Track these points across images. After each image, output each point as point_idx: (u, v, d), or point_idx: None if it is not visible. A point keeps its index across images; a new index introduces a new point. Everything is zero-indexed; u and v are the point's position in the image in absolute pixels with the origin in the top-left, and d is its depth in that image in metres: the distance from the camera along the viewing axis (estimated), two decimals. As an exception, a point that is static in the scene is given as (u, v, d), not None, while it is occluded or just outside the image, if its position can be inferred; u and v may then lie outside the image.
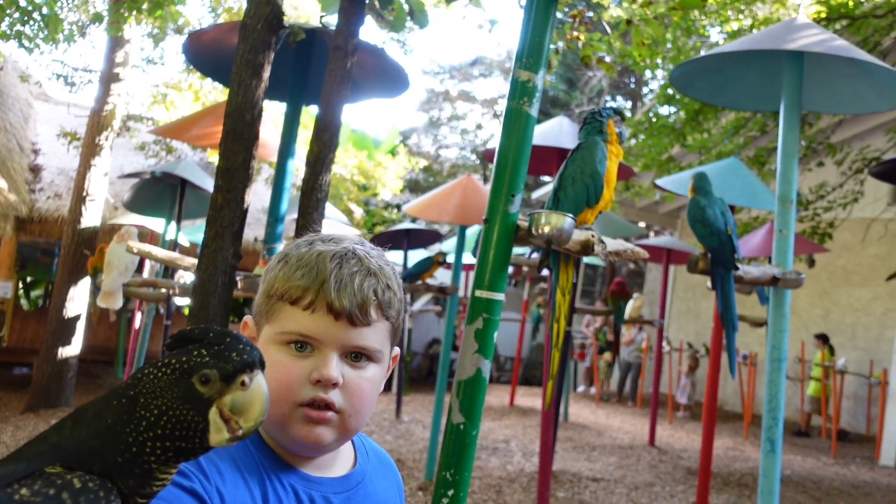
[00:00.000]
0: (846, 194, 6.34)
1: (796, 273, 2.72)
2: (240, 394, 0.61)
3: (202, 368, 0.61)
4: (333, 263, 0.80)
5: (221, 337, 0.63)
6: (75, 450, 0.60)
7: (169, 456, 0.60)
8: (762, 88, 3.13)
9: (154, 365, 0.62)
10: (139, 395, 0.60)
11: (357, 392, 0.82)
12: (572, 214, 1.59)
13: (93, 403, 0.62)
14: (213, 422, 0.61)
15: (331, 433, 0.81)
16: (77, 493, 0.56)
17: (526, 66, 1.52)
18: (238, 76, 1.77)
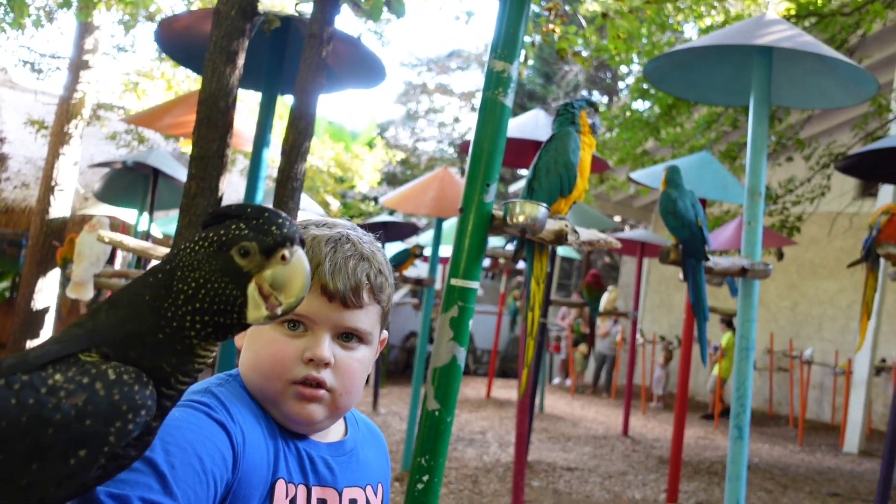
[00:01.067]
0: (814, 188, 6.49)
1: (764, 264, 2.79)
2: (280, 268, 0.60)
3: (241, 241, 0.59)
4: (328, 247, 0.83)
5: (260, 212, 0.61)
6: (112, 335, 0.58)
7: (209, 332, 0.59)
8: (733, 83, 3.19)
9: (191, 239, 0.61)
10: (176, 268, 0.59)
11: (348, 372, 0.85)
12: (546, 204, 1.61)
13: (128, 287, 0.61)
14: (252, 297, 0.59)
15: (322, 411, 0.84)
16: (111, 384, 0.55)
17: (501, 56, 1.53)
18: (212, 63, 1.76)
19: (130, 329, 0.58)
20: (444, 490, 4.69)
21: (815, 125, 8.25)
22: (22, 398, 0.53)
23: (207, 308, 0.58)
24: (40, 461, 0.52)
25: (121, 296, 0.61)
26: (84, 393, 0.54)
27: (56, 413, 0.53)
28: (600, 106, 1.69)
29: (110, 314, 0.60)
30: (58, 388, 0.54)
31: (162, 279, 0.59)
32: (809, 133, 8.02)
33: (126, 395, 0.55)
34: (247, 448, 0.79)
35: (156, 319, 0.58)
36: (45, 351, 0.57)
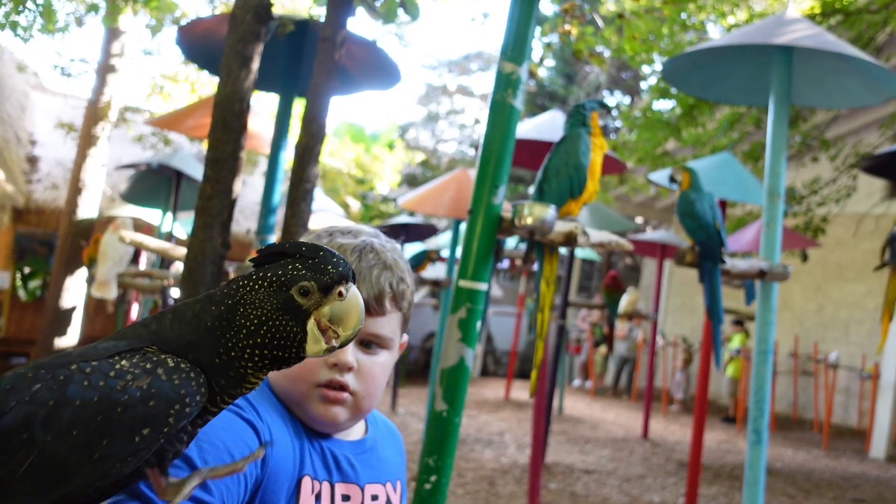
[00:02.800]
0: (839, 189, 6.36)
1: (783, 266, 2.75)
2: (338, 304, 0.63)
3: (301, 280, 0.62)
4: (353, 256, 0.87)
5: (314, 251, 0.64)
6: (173, 339, 0.63)
7: (265, 363, 0.63)
8: (753, 83, 3.15)
9: (248, 277, 0.64)
10: (238, 304, 0.62)
11: (370, 376, 0.89)
12: (556, 206, 1.61)
13: (189, 305, 0.65)
14: (311, 332, 0.63)
15: (345, 413, 0.88)
16: (171, 370, 0.60)
17: (510, 58, 1.54)
18: (227, 67, 1.79)
19: (191, 340, 0.63)
20: (460, 491, 4.69)
21: (841, 125, 8.09)
22: (93, 381, 0.58)
23: (268, 343, 0.62)
24: (110, 437, 0.57)
25: (185, 310, 0.64)
26: (148, 377, 0.59)
27: (124, 394, 0.58)
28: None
29: (174, 325, 0.64)
30: (125, 372, 0.59)
31: (224, 312, 0.62)
32: (835, 133, 7.86)
33: (184, 381, 0.60)
34: (275, 446, 0.83)
35: (214, 346, 0.62)
36: (112, 344, 0.62)
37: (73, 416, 0.56)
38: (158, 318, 0.65)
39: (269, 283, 0.62)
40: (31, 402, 0.56)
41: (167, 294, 4.84)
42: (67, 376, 0.58)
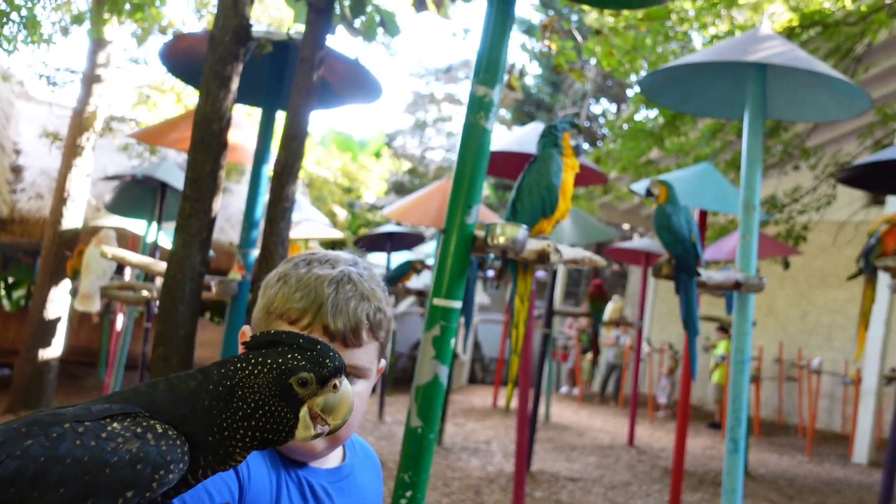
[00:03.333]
0: (819, 198, 6.46)
1: (759, 278, 2.80)
2: (332, 395, 0.67)
3: (300, 371, 0.65)
4: (331, 288, 0.87)
5: (313, 343, 0.68)
6: (166, 409, 0.65)
7: (254, 444, 0.66)
8: (729, 97, 3.21)
9: (247, 360, 0.67)
10: (237, 387, 0.65)
11: None
12: (528, 225, 1.64)
13: (184, 379, 0.67)
14: (304, 420, 0.66)
15: (322, 442, 0.89)
16: (159, 436, 0.62)
17: (483, 81, 1.57)
18: (206, 87, 1.81)
19: (185, 414, 0.65)
20: (446, 500, 4.71)
21: (822, 134, 8.22)
22: (85, 441, 0.60)
23: (262, 426, 0.65)
24: (95, 497, 0.59)
25: (179, 384, 0.67)
26: (138, 441, 0.61)
27: (113, 456, 0.60)
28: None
29: (170, 395, 0.66)
30: (116, 434, 0.61)
31: (223, 392, 0.65)
32: (816, 142, 7.99)
33: (171, 448, 0.62)
34: (252, 480, 0.84)
35: (210, 424, 0.65)
36: (106, 406, 0.65)
37: (62, 474, 0.58)
38: (152, 386, 0.67)
39: (270, 370, 0.65)
40: (23, 457, 0.58)
41: (152, 306, 4.83)
42: (60, 434, 0.60)
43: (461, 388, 11.66)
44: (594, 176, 4.41)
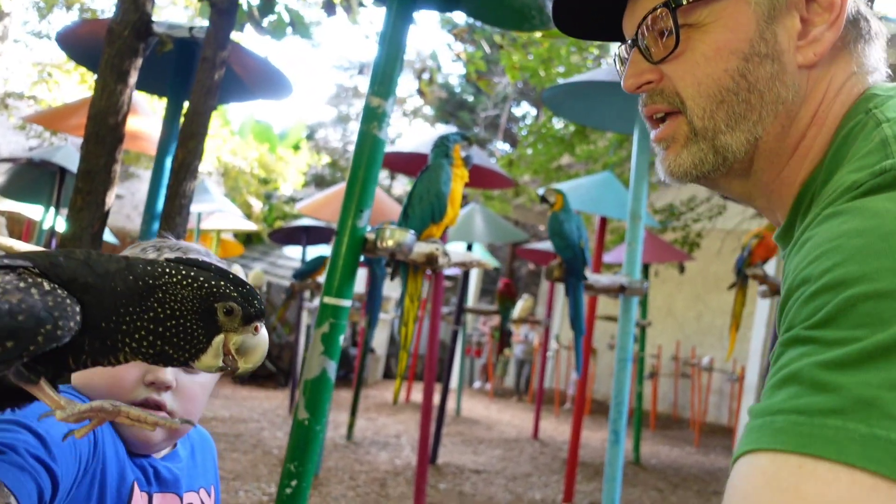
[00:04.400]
0: (712, 207, 6.96)
1: (641, 282, 3.04)
2: (250, 337, 0.64)
3: (230, 301, 0.62)
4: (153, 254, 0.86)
5: (241, 283, 0.64)
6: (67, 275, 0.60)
7: (150, 352, 0.62)
8: (624, 113, 3.44)
9: (177, 269, 0.62)
10: (158, 287, 0.61)
11: (189, 395, 0.89)
12: (419, 229, 1.75)
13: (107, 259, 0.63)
14: (216, 347, 0.63)
15: (161, 433, 0.88)
16: (46, 293, 0.58)
17: (377, 93, 1.66)
18: (102, 80, 1.80)
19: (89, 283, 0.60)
20: (351, 493, 4.77)
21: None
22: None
23: (168, 337, 0.61)
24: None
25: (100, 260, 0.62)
26: (19, 293, 0.57)
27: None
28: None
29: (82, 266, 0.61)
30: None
31: (141, 288, 0.61)
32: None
33: (59, 305, 0.58)
34: (105, 440, 0.83)
35: (110, 309, 0.60)
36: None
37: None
38: (68, 254, 0.63)
39: (199, 287, 0.62)
40: None
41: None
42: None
43: (376, 383, 11.71)
44: (501, 180, 4.59)
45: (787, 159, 0.65)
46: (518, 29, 1.95)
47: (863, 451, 0.38)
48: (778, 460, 0.41)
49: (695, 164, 0.67)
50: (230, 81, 3.14)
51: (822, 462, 0.39)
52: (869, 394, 0.39)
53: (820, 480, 0.39)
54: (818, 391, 0.41)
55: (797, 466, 0.40)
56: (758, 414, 0.45)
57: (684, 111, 0.66)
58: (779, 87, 0.63)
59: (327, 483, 5.00)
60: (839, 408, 0.40)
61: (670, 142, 0.69)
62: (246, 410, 7.70)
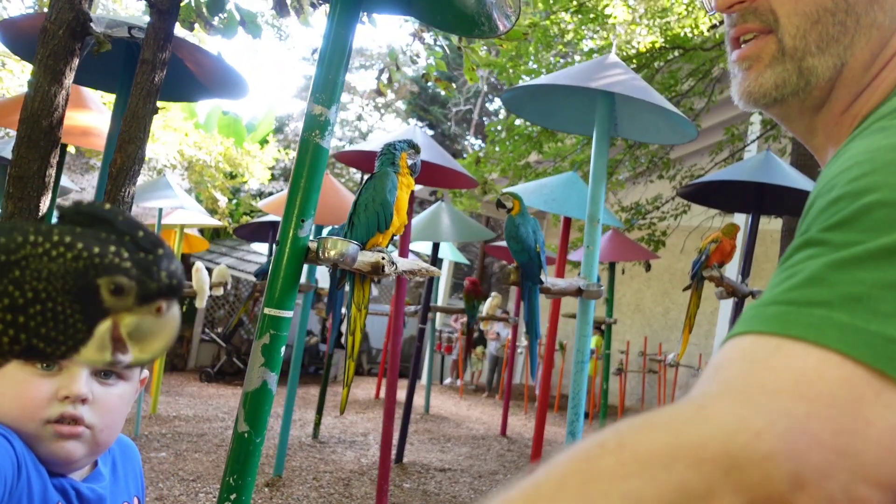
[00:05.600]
0: (677, 206, 7.05)
1: (598, 285, 3.05)
2: (150, 320, 0.49)
3: (118, 274, 0.47)
4: None
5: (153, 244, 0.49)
6: None
7: (14, 349, 0.48)
8: (583, 115, 3.45)
9: (47, 234, 0.47)
10: (15, 264, 0.46)
11: (107, 407, 0.86)
12: (364, 238, 1.73)
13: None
14: (100, 338, 0.49)
15: (82, 448, 0.85)
16: None
17: (319, 100, 1.63)
18: (35, 82, 1.74)
19: None
20: (314, 494, 4.74)
21: (686, 146, 8.94)
22: None
23: (33, 328, 0.47)
24: None
25: None
26: None
27: None
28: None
29: None
30: None
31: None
32: (680, 154, 8.68)
33: None
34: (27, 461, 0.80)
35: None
36: None
37: None
38: None
39: (75, 257, 0.46)
40: None
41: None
42: None
43: (346, 380, 11.67)
44: (465, 180, 4.58)
45: (863, 90, 0.63)
46: (467, 35, 1.94)
47: (840, 336, 0.39)
48: (758, 340, 0.42)
49: (776, 85, 0.64)
50: (186, 80, 3.07)
51: (799, 342, 0.40)
52: (860, 290, 0.40)
53: (791, 356, 0.40)
54: (813, 285, 0.42)
55: (775, 346, 0.41)
56: (753, 305, 0.46)
57: (776, 29, 0.64)
58: (876, 12, 0.61)
59: (290, 483, 4.96)
60: (828, 300, 0.41)
61: (754, 61, 0.65)
62: (211, 409, 7.60)
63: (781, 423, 0.37)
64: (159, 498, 4.37)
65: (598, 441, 0.39)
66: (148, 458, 5.19)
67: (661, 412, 0.40)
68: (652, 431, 0.38)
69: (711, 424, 0.37)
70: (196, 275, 6.44)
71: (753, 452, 0.36)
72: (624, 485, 0.36)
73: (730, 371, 0.42)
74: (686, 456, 0.36)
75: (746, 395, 0.39)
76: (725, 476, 0.35)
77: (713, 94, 7.06)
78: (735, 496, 0.35)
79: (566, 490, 0.37)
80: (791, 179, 3.55)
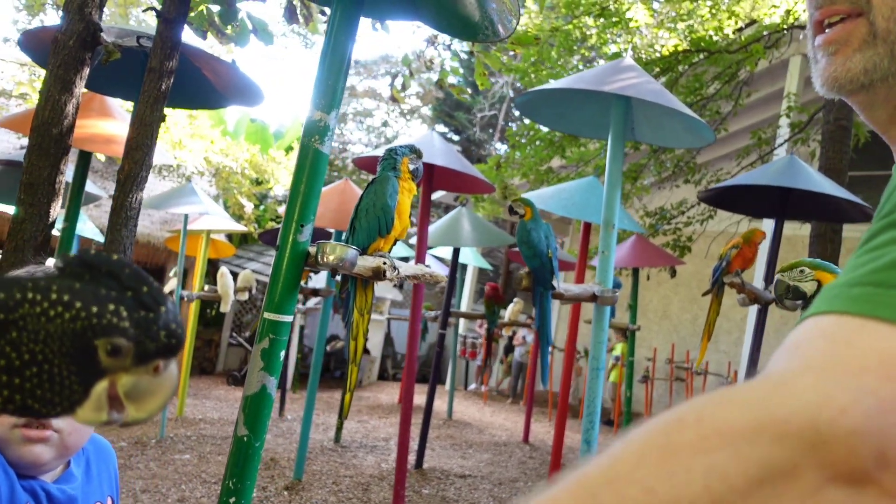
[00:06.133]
0: (703, 211, 6.92)
1: (613, 291, 3.01)
2: (147, 379, 0.49)
3: (116, 335, 0.46)
4: None
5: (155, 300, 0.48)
6: None
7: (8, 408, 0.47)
8: (598, 119, 3.42)
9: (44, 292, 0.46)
10: (13, 324, 0.45)
11: None
12: (365, 243, 1.73)
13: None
14: (97, 398, 0.48)
15: (49, 451, 0.86)
16: None
17: (318, 106, 1.64)
18: (46, 91, 1.79)
19: None
20: (332, 498, 4.76)
21: (711, 151, 8.78)
22: None
23: (28, 390, 0.46)
24: None
25: None
26: None
27: None
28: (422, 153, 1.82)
29: None
30: None
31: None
32: (706, 158, 8.53)
33: None
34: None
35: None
36: None
37: None
38: None
39: (73, 318, 0.46)
40: None
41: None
42: None
43: (371, 385, 11.70)
44: (482, 185, 4.57)
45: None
46: (470, 39, 1.93)
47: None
48: (841, 320, 0.41)
49: (866, 70, 0.60)
50: (205, 88, 3.13)
51: (886, 324, 0.40)
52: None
53: (877, 336, 0.39)
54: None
55: (859, 325, 0.41)
56: (834, 286, 0.45)
57: (868, 11, 0.61)
58: None
59: (310, 487, 4.99)
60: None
61: (841, 45, 0.62)
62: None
63: (867, 400, 0.37)
64: (181, 499, 4.44)
65: (676, 416, 0.38)
66: (172, 461, 5.27)
67: (739, 387, 0.40)
68: (732, 406, 0.38)
69: (795, 399, 0.37)
70: (221, 279, 6.54)
71: (839, 428, 0.36)
72: (706, 458, 0.35)
73: (811, 349, 0.41)
74: (770, 430, 0.36)
75: (830, 372, 0.39)
76: (810, 451, 0.35)
77: (740, 98, 6.93)
78: (819, 471, 0.35)
79: (645, 464, 0.36)
80: (815, 184, 3.46)
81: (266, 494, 4.68)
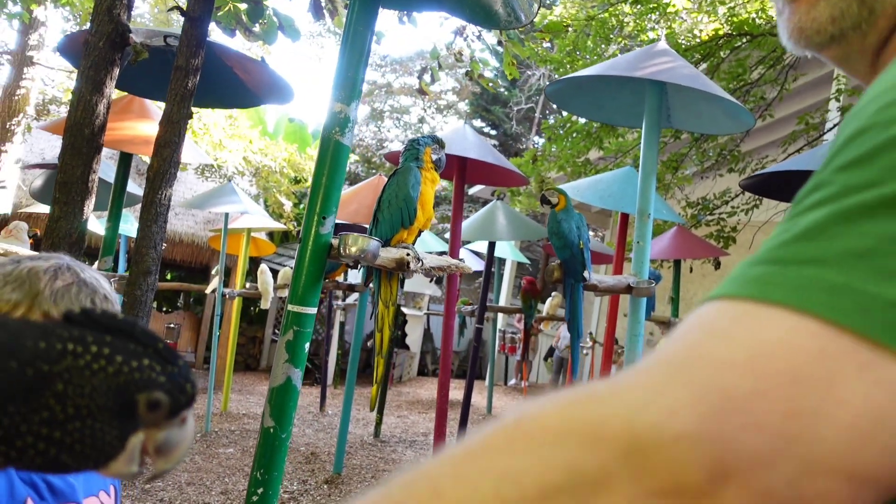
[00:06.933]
0: (748, 200, 6.71)
1: (648, 282, 2.93)
2: (176, 431, 0.50)
3: (155, 390, 0.47)
4: (48, 276, 0.80)
5: (173, 356, 0.49)
6: None
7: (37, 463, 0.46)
8: (632, 107, 3.33)
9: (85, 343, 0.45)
10: (58, 376, 0.44)
11: None
12: (388, 234, 1.72)
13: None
14: (130, 452, 0.48)
15: None
16: None
17: (339, 98, 1.64)
18: (79, 92, 1.84)
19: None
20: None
21: (756, 139, 8.50)
22: None
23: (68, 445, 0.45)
24: None
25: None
26: None
27: None
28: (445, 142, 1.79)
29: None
30: None
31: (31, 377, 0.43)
32: (751, 146, 8.26)
33: None
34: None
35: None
36: None
37: None
38: None
39: (116, 372, 0.46)
40: None
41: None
42: None
43: (410, 380, 11.77)
44: (516, 178, 4.52)
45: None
46: (488, 27, 1.90)
47: (827, 300, 0.32)
48: (727, 306, 0.35)
49: (833, 18, 0.52)
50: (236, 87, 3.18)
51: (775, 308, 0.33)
52: (864, 244, 0.32)
53: (759, 324, 0.33)
54: (809, 239, 0.34)
55: (742, 312, 0.34)
56: (740, 265, 0.39)
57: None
58: None
59: (349, 481, 5.04)
60: (823, 256, 0.33)
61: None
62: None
63: (709, 400, 0.31)
64: (224, 492, 4.54)
65: (508, 416, 0.34)
66: (216, 454, 5.40)
67: (584, 386, 0.35)
68: (556, 405, 0.33)
69: (618, 399, 0.32)
70: (261, 276, 6.66)
71: (661, 432, 0.30)
72: (505, 461, 0.31)
73: (680, 342, 0.35)
74: (580, 433, 0.31)
75: (682, 369, 0.33)
76: (623, 459, 0.30)
77: (786, 82, 6.68)
78: (633, 484, 0.30)
79: (448, 465, 0.33)
80: (865, 167, 3.31)
81: (306, 488, 4.75)
